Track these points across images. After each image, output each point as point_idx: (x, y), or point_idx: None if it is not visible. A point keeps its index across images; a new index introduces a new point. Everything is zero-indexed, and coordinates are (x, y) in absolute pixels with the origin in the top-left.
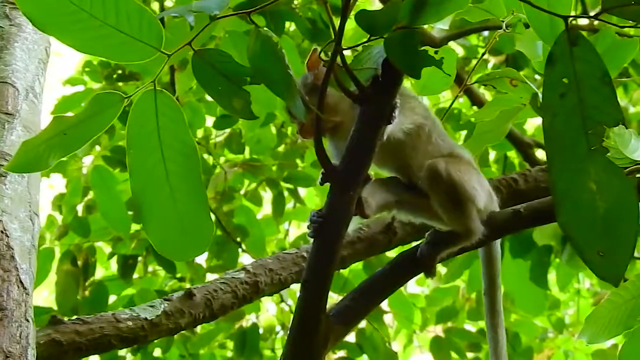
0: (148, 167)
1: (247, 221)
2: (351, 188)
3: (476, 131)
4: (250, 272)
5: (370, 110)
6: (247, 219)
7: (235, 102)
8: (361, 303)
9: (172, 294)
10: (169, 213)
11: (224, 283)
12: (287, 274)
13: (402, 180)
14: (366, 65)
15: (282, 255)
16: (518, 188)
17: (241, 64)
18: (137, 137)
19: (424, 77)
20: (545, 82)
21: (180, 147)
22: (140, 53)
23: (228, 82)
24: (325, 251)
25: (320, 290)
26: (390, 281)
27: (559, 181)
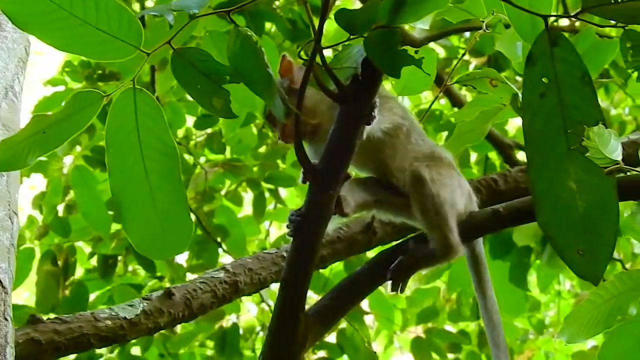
0: (127, 165)
1: (227, 221)
2: (330, 187)
3: (456, 131)
4: (230, 271)
5: (349, 109)
6: (227, 219)
7: (215, 101)
8: (340, 302)
9: (151, 293)
10: (148, 212)
11: (204, 282)
12: (266, 274)
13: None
14: (346, 65)
15: (261, 254)
16: (498, 188)
17: (221, 63)
18: (117, 136)
19: (404, 77)
20: (525, 82)
21: (159, 146)
22: (119, 52)
23: (208, 81)
24: (304, 250)
25: (299, 289)
26: (369, 281)
27: (539, 181)
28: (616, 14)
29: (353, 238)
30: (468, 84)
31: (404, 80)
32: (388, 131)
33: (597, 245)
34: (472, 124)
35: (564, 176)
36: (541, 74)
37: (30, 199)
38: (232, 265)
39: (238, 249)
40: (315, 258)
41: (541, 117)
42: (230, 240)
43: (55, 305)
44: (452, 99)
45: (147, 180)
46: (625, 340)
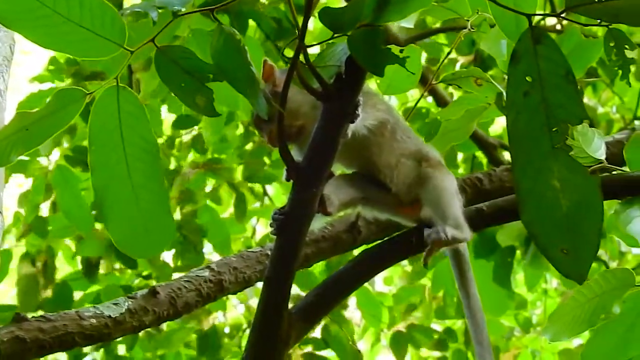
0: (110, 164)
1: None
2: (314, 185)
3: (441, 130)
4: (215, 270)
5: (333, 107)
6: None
7: (198, 99)
8: (324, 300)
9: (136, 292)
10: (130, 210)
11: (188, 281)
12: (251, 272)
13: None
14: (329, 63)
15: (246, 253)
16: (483, 188)
17: (204, 61)
18: (99, 134)
19: (389, 76)
20: (508, 81)
21: (142, 145)
22: (103, 49)
23: (191, 79)
24: (288, 248)
25: (282, 287)
26: (352, 279)
27: (523, 179)
28: (600, 12)
29: (337, 237)
30: (453, 83)
31: (388, 79)
32: (373, 128)
33: (581, 244)
34: (458, 123)
35: (547, 175)
36: (525, 72)
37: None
38: (216, 264)
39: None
40: (299, 256)
41: (525, 115)
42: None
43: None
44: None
45: (129, 178)
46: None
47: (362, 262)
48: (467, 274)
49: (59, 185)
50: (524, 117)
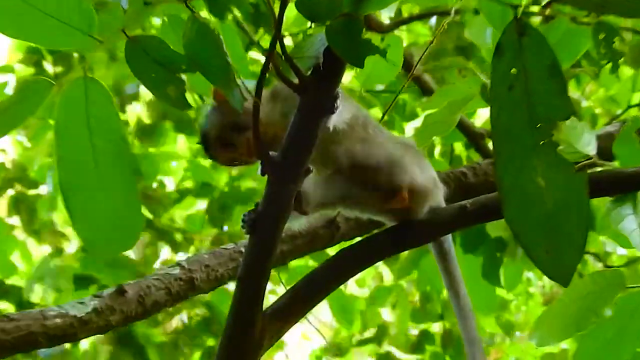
0: (77, 156)
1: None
2: (290, 180)
3: (424, 122)
4: (185, 268)
5: (310, 100)
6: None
7: (170, 91)
8: (299, 300)
9: (102, 291)
10: (97, 205)
11: (158, 279)
12: (223, 270)
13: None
14: (307, 54)
15: (219, 250)
16: (467, 182)
17: (176, 51)
18: (66, 125)
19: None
20: (492, 74)
21: (110, 136)
22: (70, 39)
23: (163, 70)
24: (262, 247)
25: (255, 287)
26: (327, 279)
27: (505, 176)
28: (585, 3)
29: (315, 233)
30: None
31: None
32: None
33: (565, 244)
34: (440, 115)
35: (531, 172)
36: (509, 65)
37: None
38: (187, 261)
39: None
40: (273, 255)
41: (508, 110)
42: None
43: None
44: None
45: (97, 171)
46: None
47: (338, 261)
48: (455, 272)
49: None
50: (507, 111)
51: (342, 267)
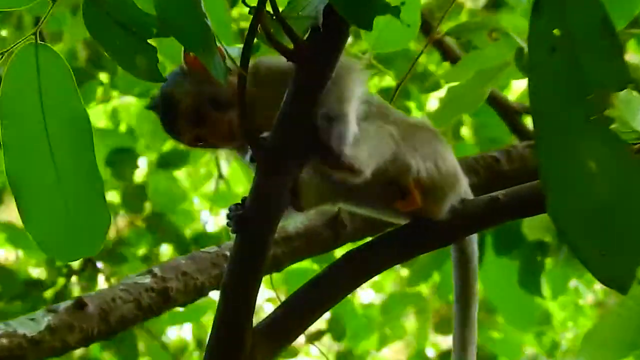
0: (27, 142)
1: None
2: (284, 169)
3: (447, 95)
4: (158, 276)
5: (307, 69)
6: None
7: (138, 60)
8: (295, 315)
9: (58, 304)
10: (54, 201)
11: (125, 290)
12: (204, 278)
13: None
14: (303, 13)
15: (197, 254)
16: (500, 169)
17: (145, 13)
18: (14, 104)
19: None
20: (530, 35)
21: (68, 117)
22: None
23: (129, 36)
24: (251, 249)
25: (244, 298)
26: (331, 289)
27: (548, 160)
28: None
29: (315, 233)
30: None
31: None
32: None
33: (622, 242)
34: (467, 88)
35: (580, 155)
36: (550, 24)
37: None
38: (160, 267)
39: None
40: (264, 260)
41: (550, 78)
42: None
43: None
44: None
45: (52, 159)
46: None
47: (345, 266)
48: (472, 283)
49: None
50: (549, 80)
51: (349, 273)
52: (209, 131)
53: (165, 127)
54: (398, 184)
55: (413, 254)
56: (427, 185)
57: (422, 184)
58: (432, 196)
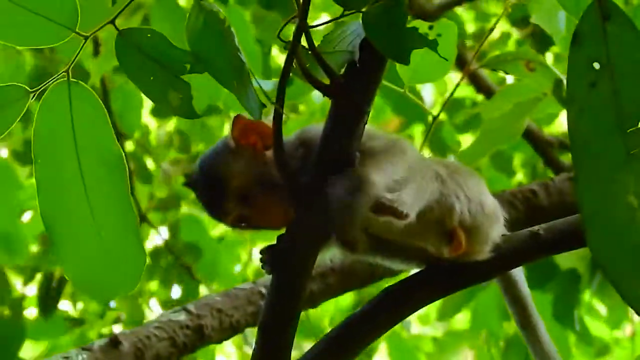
0: (61, 181)
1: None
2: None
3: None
4: (193, 313)
5: (344, 105)
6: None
7: (172, 96)
8: (335, 354)
9: (93, 342)
10: (88, 240)
11: (159, 327)
12: (239, 316)
13: None
14: (339, 48)
15: (233, 291)
16: (538, 203)
17: (179, 48)
18: (47, 143)
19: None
20: (570, 68)
21: (102, 156)
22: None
23: (162, 71)
24: (288, 287)
25: (282, 336)
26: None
27: (588, 195)
28: None
29: (350, 268)
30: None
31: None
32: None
33: None
34: (504, 120)
35: (620, 189)
36: (591, 57)
37: None
38: (195, 305)
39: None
40: (303, 297)
41: (590, 112)
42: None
43: None
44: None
45: (86, 199)
46: None
47: (383, 302)
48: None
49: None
50: (589, 114)
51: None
52: (256, 213)
53: (207, 207)
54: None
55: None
56: (471, 226)
57: (466, 226)
58: (475, 237)
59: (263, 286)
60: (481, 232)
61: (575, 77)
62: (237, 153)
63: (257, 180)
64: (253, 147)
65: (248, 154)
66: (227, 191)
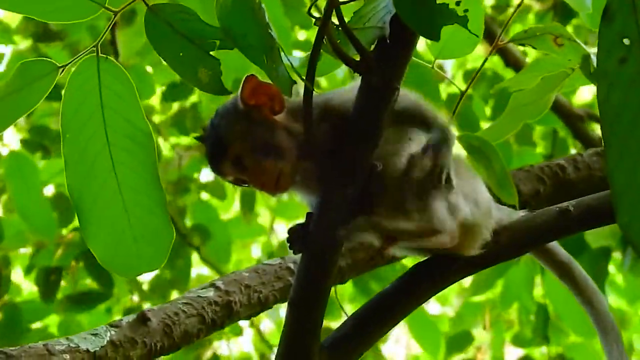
0: (89, 157)
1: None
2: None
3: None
4: (222, 289)
5: (374, 81)
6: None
7: (201, 73)
8: (364, 330)
9: (121, 319)
10: (116, 215)
11: (188, 304)
12: (268, 292)
13: None
14: (369, 24)
15: (261, 267)
16: (567, 178)
17: (208, 24)
18: (75, 119)
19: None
20: (600, 43)
21: (130, 131)
22: (78, 10)
23: (192, 47)
24: (318, 263)
25: (312, 313)
26: (403, 301)
27: (618, 171)
28: None
29: None
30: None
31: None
32: None
33: None
34: (532, 94)
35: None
36: (621, 32)
37: None
38: (224, 281)
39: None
40: (332, 273)
41: (621, 88)
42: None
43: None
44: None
45: (114, 174)
46: None
47: (411, 280)
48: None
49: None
50: (619, 90)
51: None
52: (254, 179)
53: (210, 164)
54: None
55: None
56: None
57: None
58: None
59: (292, 262)
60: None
61: (605, 53)
62: (244, 115)
63: (260, 144)
64: (261, 109)
65: (255, 116)
66: (226, 153)
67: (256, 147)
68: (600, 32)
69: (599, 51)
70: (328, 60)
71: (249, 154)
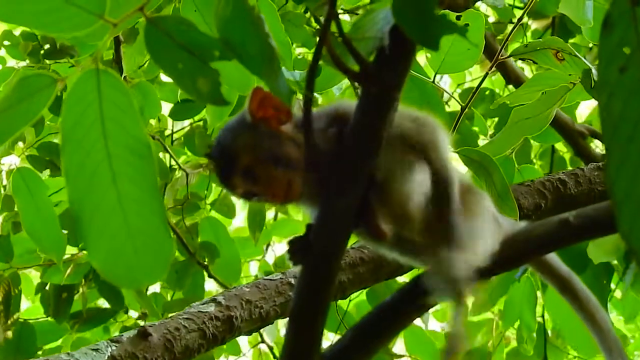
0: (89, 169)
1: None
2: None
3: (512, 118)
4: (222, 304)
5: (373, 91)
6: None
7: (201, 83)
8: (363, 343)
9: (121, 334)
10: (116, 227)
11: (189, 319)
12: (269, 307)
13: None
14: (369, 34)
15: (262, 282)
16: (567, 192)
17: (208, 35)
18: (75, 131)
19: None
20: (600, 54)
21: (130, 144)
22: (77, 22)
23: (191, 58)
24: (317, 277)
25: (312, 327)
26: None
27: (619, 179)
28: None
29: (381, 259)
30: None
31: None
32: None
33: None
34: (533, 109)
35: None
36: (621, 42)
37: None
38: (224, 296)
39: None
40: (332, 287)
41: (621, 97)
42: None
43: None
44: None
45: (114, 186)
46: None
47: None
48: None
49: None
50: (619, 100)
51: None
52: (265, 189)
53: (220, 178)
54: None
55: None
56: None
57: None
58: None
59: (293, 277)
60: None
61: (605, 62)
62: (252, 127)
63: (270, 156)
64: (268, 120)
65: (262, 127)
66: (235, 166)
67: (265, 158)
68: (600, 42)
69: (600, 62)
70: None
71: (258, 165)
